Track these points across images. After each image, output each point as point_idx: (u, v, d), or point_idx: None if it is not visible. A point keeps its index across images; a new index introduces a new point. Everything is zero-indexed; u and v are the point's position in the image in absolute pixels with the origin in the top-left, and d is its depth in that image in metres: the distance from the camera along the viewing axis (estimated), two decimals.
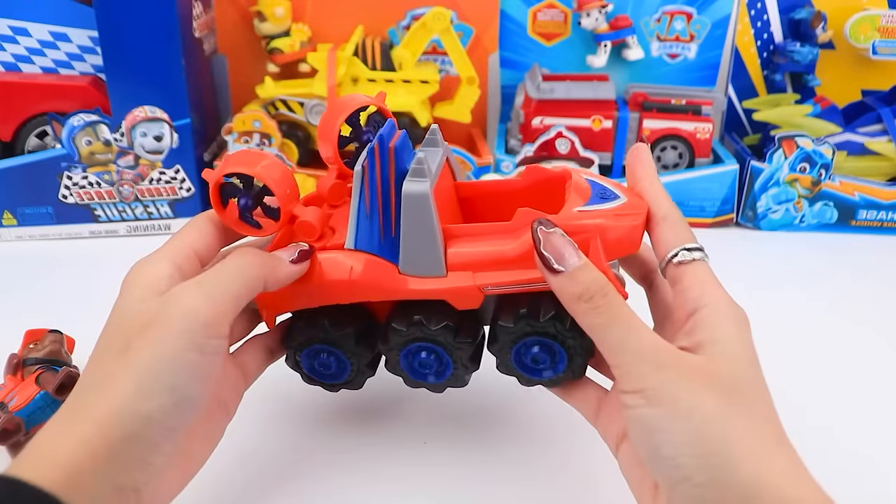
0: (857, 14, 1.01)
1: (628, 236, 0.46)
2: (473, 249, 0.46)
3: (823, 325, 0.74)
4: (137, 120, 0.88)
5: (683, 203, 0.98)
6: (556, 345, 0.47)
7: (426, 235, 0.46)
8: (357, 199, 0.46)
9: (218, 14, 1.01)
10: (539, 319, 0.46)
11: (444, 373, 0.50)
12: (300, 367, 0.53)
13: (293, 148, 0.98)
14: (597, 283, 0.41)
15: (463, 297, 0.47)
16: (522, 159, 0.95)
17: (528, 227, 0.45)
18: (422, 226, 0.45)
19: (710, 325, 0.41)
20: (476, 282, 0.46)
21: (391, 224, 0.47)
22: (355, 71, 0.96)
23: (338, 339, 0.50)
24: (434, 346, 0.49)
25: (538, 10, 1.05)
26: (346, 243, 0.47)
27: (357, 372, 0.52)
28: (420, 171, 0.45)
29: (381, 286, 0.47)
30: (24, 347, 0.60)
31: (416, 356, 0.50)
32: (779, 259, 0.90)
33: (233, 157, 0.47)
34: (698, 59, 1.06)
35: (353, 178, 0.46)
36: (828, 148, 0.93)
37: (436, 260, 0.46)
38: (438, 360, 0.50)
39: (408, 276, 0.47)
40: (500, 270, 0.46)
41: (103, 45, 0.86)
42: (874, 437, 0.58)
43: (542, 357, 0.48)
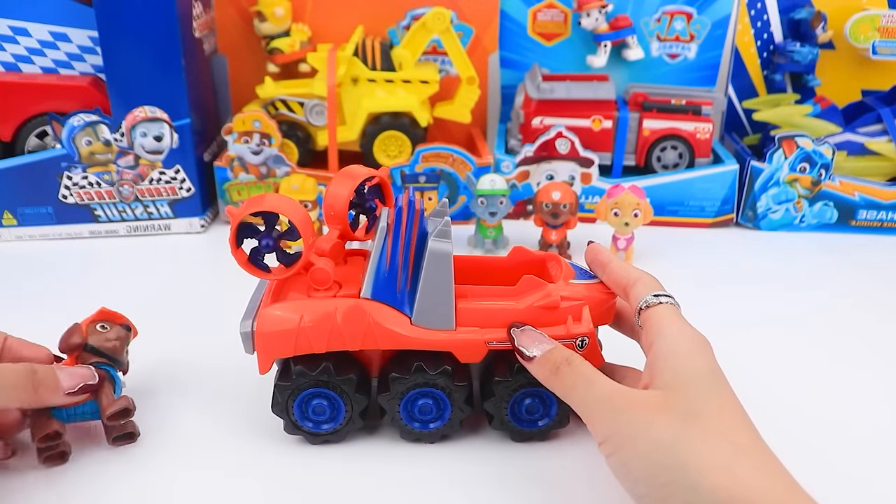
0: (857, 14, 1.01)
1: (608, 308, 0.54)
2: (481, 307, 0.52)
3: (823, 325, 0.74)
4: (137, 120, 0.88)
5: (683, 203, 0.98)
6: (547, 393, 0.53)
7: (443, 291, 0.50)
8: (379, 253, 0.51)
9: (218, 14, 1.01)
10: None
11: (443, 416, 0.54)
12: (289, 412, 0.53)
13: (293, 148, 0.98)
14: (562, 356, 0.48)
15: (468, 351, 0.52)
16: (522, 159, 0.95)
17: (531, 292, 0.52)
18: (440, 282, 0.50)
19: (663, 356, 0.45)
20: (482, 336, 0.51)
21: (408, 278, 0.51)
22: (355, 71, 0.96)
23: (340, 384, 0.52)
24: (433, 391, 0.53)
25: (538, 10, 1.05)
26: (362, 293, 0.51)
27: (349, 420, 0.54)
28: (445, 233, 0.51)
29: (395, 335, 0.51)
30: (91, 322, 0.56)
31: (416, 403, 0.53)
32: (779, 259, 0.90)
33: (261, 198, 0.51)
34: (698, 59, 1.06)
35: (377, 232, 0.51)
36: (828, 148, 0.93)
37: (448, 314, 0.51)
38: (437, 405, 0.53)
39: (419, 327, 0.51)
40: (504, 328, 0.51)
41: (103, 45, 0.86)
42: (874, 436, 0.58)
43: (535, 407, 0.53)
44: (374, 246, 0.51)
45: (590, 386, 0.45)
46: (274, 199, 0.51)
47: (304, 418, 0.53)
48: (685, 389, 0.43)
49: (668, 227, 0.98)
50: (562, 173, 0.95)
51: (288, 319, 0.51)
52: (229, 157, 0.93)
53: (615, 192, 0.84)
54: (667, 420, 0.41)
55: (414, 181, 0.84)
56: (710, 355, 0.45)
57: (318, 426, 0.54)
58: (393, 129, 0.98)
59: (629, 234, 0.86)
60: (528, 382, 0.52)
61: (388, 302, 0.51)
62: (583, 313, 0.52)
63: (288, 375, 0.52)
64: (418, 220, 0.51)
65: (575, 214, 0.85)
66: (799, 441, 0.57)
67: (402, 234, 0.50)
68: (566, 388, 0.47)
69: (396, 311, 0.51)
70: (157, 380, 0.63)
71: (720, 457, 0.39)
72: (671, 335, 0.46)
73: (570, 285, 0.53)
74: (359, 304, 0.51)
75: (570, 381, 0.46)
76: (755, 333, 0.72)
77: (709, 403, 0.42)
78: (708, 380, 0.43)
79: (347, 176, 0.55)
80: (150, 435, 0.56)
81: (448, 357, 0.52)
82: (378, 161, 0.99)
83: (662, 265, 0.87)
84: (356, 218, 0.58)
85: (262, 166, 0.93)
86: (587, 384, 0.45)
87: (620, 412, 0.43)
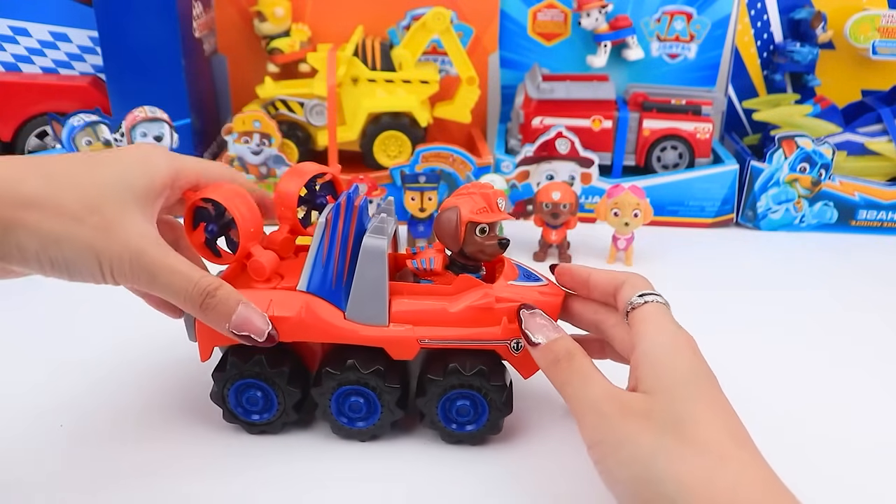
0: (857, 14, 1.01)
1: (549, 311, 0.52)
2: (416, 305, 0.52)
3: (823, 325, 0.74)
4: (137, 120, 0.88)
5: (683, 203, 0.98)
6: (480, 397, 0.52)
7: (376, 286, 0.50)
8: (316, 246, 0.51)
9: (218, 14, 1.01)
10: (466, 373, 0.51)
11: (373, 417, 0.53)
12: (226, 401, 0.53)
13: (293, 148, 0.98)
14: (564, 349, 0.47)
15: (400, 347, 0.52)
16: (522, 159, 0.95)
17: (468, 290, 0.51)
18: (374, 277, 0.50)
19: (645, 360, 0.45)
20: (415, 334, 0.51)
21: (344, 273, 0.51)
22: (355, 71, 0.96)
23: (272, 376, 0.52)
24: (364, 390, 0.52)
25: (538, 10, 1.05)
26: (298, 285, 0.51)
27: (283, 412, 0.53)
28: (381, 230, 0.51)
29: (327, 328, 0.51)
30: None
31: (347, 400, 0.53)
32: (779, 259, 0.90)
33: (216, 187, 0.52)
34: (698, 59, 1.06)
35: (316, 228, 0.51)
36: (828, 148, 0.93)
37: (381, 310, 0.51)
38: (368, 404, 0.53)
39: (352, 322, 0.51)
40: (439, 326, 0.51)
41: (103, 45, 0.86)
42: (874, 435, 0.58)
43: (466, 410, 0.52)
44: (312, 240, 0.51)
45: (583, 385, 0.45)
46: (224, 189, 0.51)
47: (239, 407, 0.54)
48: (666, 394, 0.42)
49: (668, 227, 0.98)
50: (562, 173, 0.95)
51: None
52: (229, 157, 0.93)
53: (615, 192, 0.84)
54: (648, 431, 0.41)
55: (414, 181, 0.84)
56: (693, 355, 0.45)
57: (251, 416, 0.54)
58: (393, 129, 0.98)
59: (629, 234, 0.86)
60: (460, 384, 0.51)
61: (323, 295, 0.51)
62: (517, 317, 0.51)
63: (224, 365, 0.53)
64: (356, 217, 0.51)
65: (575, 214, 0.85)
66: (798, 441, 0.57)
67: (339, 230, 0.50)
68: (561, 382, 0.46)
69: (330, 304, 0.51)
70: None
71: (700, 469, 0.39)
72: (653, 337, 0.46)
73: (508, 286, 0.52)
74: (293, 295, 0.51)
75: (566, 376, 0.46)
76: (755, 333, 0.72)
77: (690, 409, 0.42)
78: (690, 383, 0.43)
79: (296, 172, 0.55)
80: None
81: (384, 355, 0.52)
82: (378, 161, 0.99)
83: (662, 265, 0.87)
84: (308, 214, 0.58)
85: (262, 166, 0.93)
86: (581, 383, 0.45)
87: (606, 418, 0.43)
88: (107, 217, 0.44)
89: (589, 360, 0.47)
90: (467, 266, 0.54)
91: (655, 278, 0.85)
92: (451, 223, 0.52)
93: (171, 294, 0.46)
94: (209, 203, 0.52)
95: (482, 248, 0.52)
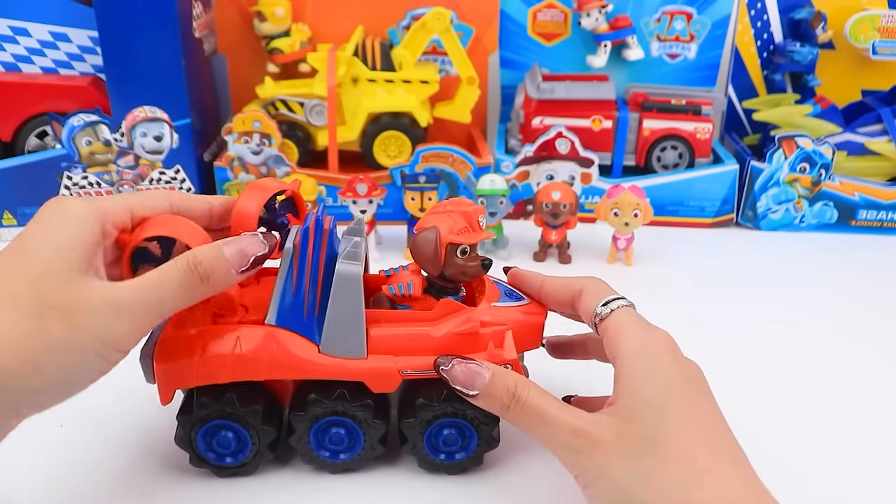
0: (857, 14, 1.01)
1: (533, 332, 0.51)
2: (395, 333, 0.48)
3: (823, 325, 0.74)
4: (137, 120, 0.88)
5: (683, 203, 0.98)
6: (470, 427, 0.50)
7: (352, 316, 0.47)
8: (284, 276, 0.47)
9: (218, 14, 1.01)
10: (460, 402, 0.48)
11: (354, 449, 0.51)
12: (194, 445, 0.50)
13: (293, 148, 0.98)
14: (507, 393, 0.45)
15: (381, 380, 0.48)
16: (522, 159, 0.95)
17: (449, 316, 0.49)
18: (349, 307, 0.47)
19: (621, 377, 0.44)
20: (396, 365, 0.48)
21: (316, 303, 0.47)
22: (355, 71, 0.96)
23: (244, 416, 0.49)
24: (348, 422, 0.49)
25: (538, 10, 1.05)
26: (267, 319, 0.48)
27: (257, 453, 0.50)
28: (354, 255, 0.47)
29: (301, 364, 0.48)
30: None
31: (328, 432, 0.50)
32: (779, 259, 0.90)
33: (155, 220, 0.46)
34: (698, 59, 1.06)
35: (283, 255, 0.47)
36: (828, 148, 0.93)
37: (359, 341, 0.47)
38: (350, 437, 0.50)
39: (328, 355, 0.48)
40: (420, 356, 0.48)
41: (103, 45, 0.86)
42: (873, 435, 0.58)
43: (453, 439, 0.50)
44: (279, 268, 0.47)
45: (545, 425, 0.44)
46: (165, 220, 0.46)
47: (210, 451, 0.50)
48: (642, 414, 0.42)
49: (668, 227, 0.98)
50: (562, 173, 0.95)
51: (188, 348, 0.47)
52: (229, 157, 0.93)
53: (615, 192, 0.84)
54: (621, 459, 0.41)
55: (414, 181, 0.84)
56: (671, 363, 0.44)
57: (224, 459, 0.50)
58: (393, 129, 0.97)
59: (629, 234, 0.86)
60: (453, 412, 0.49)
61: (295, 329, 0.47)
62: (505, 339, 0.48)
63: (190, 406, 0.49)
64: (327, 241, 0.47)
65: (575, 214, 0.85)
66: (798, 441, 0.57)
67: (308, 256, 0.47)
68: (524, 427, 0.45)
69: (304, 338, 0.47)
70: None
71: (675, 490, 0.39)
72: (626, 351, 0.44)
73: (492, 308, 0.50)
74: (261, 330, 0.47)
75: (525, 422, 0.44)
76: (755, 333, 0.72)
77: (667, 425, 0.41)
78: (665, 398, 0.42)
79: (256, 189, 0.51)
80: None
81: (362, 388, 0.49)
82: (378, 161, 0.99)
83: (662, 265, 0.87)
84: None
85: (262, 166, 0.93)
86: (543, 425, 0.44)
87: (579, 454, 0.42)
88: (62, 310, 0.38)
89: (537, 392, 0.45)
90: (446, 288, 0.51)
91: (655, 278, 0.86)
92: (430, 245, 0.48)
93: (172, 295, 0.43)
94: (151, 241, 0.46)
95: (464, 270, 0.49)
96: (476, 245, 0.50)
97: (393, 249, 0.89)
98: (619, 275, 0.84)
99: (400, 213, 0.92)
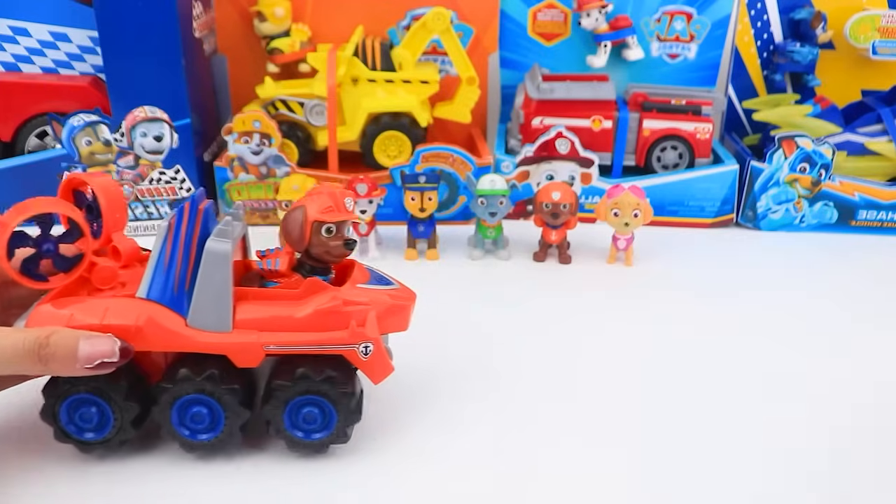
0: (857, 14, 1.01)
1: (399, 315, 0.53)
2: (261, 310, 0.50)
3: (824, 325, 0.74)
4: (137, 120, 0.88)
5: (683, 203, 0.98)
6: (329, 405, 0.51)
7: (219, 292, 0.49)
8: (158, 251, 0.49)
9: (218, 14, 1.01)
10: (314, 379, 0.50)
11: (214, 430, 0.51)
12: (57, 419, 0.50)
13: (293, 148, 0.98)
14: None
15: (245, 354, 0.50)
16: (522, 159, 0.95)
17: (316, 294, 0.50)
18: (217, 283, 0.48)
19: None
20: (260, 340, 0.49)
21: (187, 278, 0.49)
22: (355, 71, 0.96)
23: (108, 390, 0.50)
24: (212, 403, 0.50)
25: (538, 10, 1.05)
26: (138, 292, 0.49)
27: (119, 428, 0.51)
28: (225, 233, 0.49)
29: (167, 336, 0.49)
30: None
31: (188, 411, 0.51)
32: (779, 259, 0.90)
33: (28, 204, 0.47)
34: (698, 59, 1.06)
35: (157, 233, 0.49)
36: (828, 148, 0.93)
37: (224, 316, 0.49)
38: (212, 418, 0.51)
39: (194, 329, 0.49)
40: (284, 332, 0.50)
41: (103, 45, 0.86)
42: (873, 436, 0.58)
43: (314, 417, 0.51)
44: (153, 246, 0.49)
45: None
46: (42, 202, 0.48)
47: (71, 424, 0.51)
48: None
49: (668, 227, 0.98)
50: (562, 173, 0.95)
51: (57, 317, 0.48)
52: (229, 157, 0.93)
53: (615, 193, 0.84)
54: None
55: (414, 181, 0.84)
56: None
57: (83, 434, 0.51)
58: (393, 130, 0.98)
59: (629, 234, 0.86)
60: (307, 390, 0.50)
61: (164, 302, 0.49)
62: (368, 318, 0.50)
63: (56, 380, 0.50)
64: (201, 221, 0.49)
65: (575, 214, 0.85)
66: (798, 441, 0.57)
67: (182, 234, 0.49)
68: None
69: (171, 311, 0.49)
70: None
71: None
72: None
73: (357, 289, 0.51)
74: (131, 303, 0.49)
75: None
76: (755, 333, 0.72)
77: None
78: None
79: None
80: None
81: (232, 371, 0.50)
82: (378, 161, 0.99)
83: (662, 265, 0.87)
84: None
85: (262, 166, 0.93)
86: None
87: None
88: None
89: None
90: (316, 269, 0.53)
91: (655, 278, 0.86)
92: (297, 222, 0.51)
93: (3, 364, 0.45)
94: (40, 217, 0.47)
95: (328, 249, 0.51)
96: (343, 226, 0.52)
97: (393, 249, 0.89)
98: (619, 275, 0.84)
99: (400, 213, 0.92)
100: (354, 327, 0.50)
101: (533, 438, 0.56)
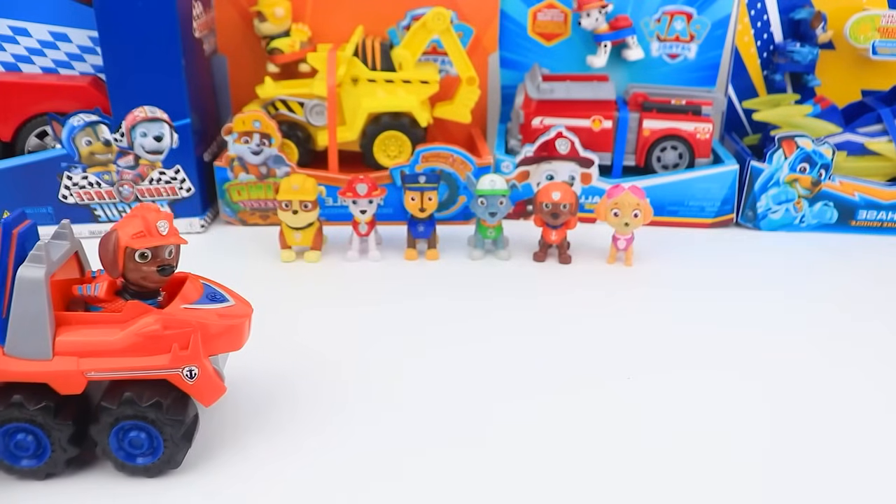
0: (857, 14, 1.01)
1: (230, 335, 0.51)
2: (81, 335, 0.49)
3: (823, 325, 0.74)
4: (137, 120, 0.88)
5: (683, 203, 0.98)
6: (155, 431, 0.50)
7: (36, 319, 0.47)
8: None
9: (218, 14, 1.01)
10: (141, 404, 0.49)
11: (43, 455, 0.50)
12: None
13: (293, 148, 0.98)
14: None
15: (66, 382, 0.49)
16: (522, 159, 0.95)
17: (137, 319, 0.49)
18: (32, 310, 0.47)
19: None
20: (80, 367, 0.48)
21: (3, 305, 0.48)
22: (355, 71, 0.96)
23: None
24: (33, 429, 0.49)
25: (538, 10, 1.05)
26: None
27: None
28: (38, 258, 0.47)
29: None
30: None
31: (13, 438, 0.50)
32: (779, 259, 0.90)
33: None
34: (698, 59, 1.06)
35: None
36: (828, 148, 0.93)
37: (43, 344, 0.48)
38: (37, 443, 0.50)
39: (12, 357, 0.48)
40: (106, 358, 0.48)
41: (103, 45, 0.86)
42: (873, 436, 0.58)
43: (140, 442, 0.50)
44: None
45: None
46: None
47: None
48: None
49: (668, 228, 0.98)
50: (562, 173, 0.95)
51: None
52: (229, 157, 0.93)
53: (615, 193, 0.84)
54: None
55: (414, 181, 0.84)
56: None
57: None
58: (393, 129, 0.98)
59: (629, 234, 0.86)
60: (133, 414, 0.49)
61: None
62: (190, 341, 0.49)
63: None
64: (16, 245, 0.48)
65: (575, 215, 0.85)
66: (798, 441, 0.57)
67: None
68: None
69: None
70: None
71: None
72: None
73: (183, 310, 0.49)
74: None
75: None
76: (755, 333, 0.72)
77: None
78: None
79: None
80: None
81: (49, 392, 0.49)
82: (378, 161, 0.99)
83: (662, 265, 0.87)
84: None
85: (262, 166, 0.93)
86: None
87: None
88: None
89: None
90: (141, 292, 0.51)
91: (656, 278, 0.86)
92: (109, 249, 0.49)
93: None
94: None
95: (144, 276, 0.50)
96: (161, 250, 0.50)
97: (393, 249, 0.89)
98: (619, 275, 0.84)
99: (400, 213, 0.92)
100: (177, 351, 0.49)
101: (533, 439, 0.56)
